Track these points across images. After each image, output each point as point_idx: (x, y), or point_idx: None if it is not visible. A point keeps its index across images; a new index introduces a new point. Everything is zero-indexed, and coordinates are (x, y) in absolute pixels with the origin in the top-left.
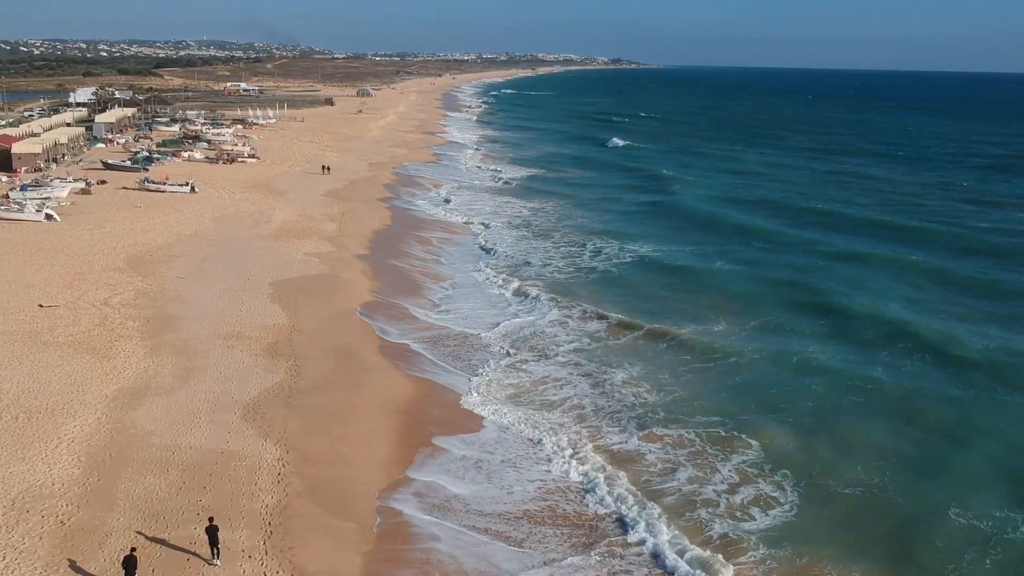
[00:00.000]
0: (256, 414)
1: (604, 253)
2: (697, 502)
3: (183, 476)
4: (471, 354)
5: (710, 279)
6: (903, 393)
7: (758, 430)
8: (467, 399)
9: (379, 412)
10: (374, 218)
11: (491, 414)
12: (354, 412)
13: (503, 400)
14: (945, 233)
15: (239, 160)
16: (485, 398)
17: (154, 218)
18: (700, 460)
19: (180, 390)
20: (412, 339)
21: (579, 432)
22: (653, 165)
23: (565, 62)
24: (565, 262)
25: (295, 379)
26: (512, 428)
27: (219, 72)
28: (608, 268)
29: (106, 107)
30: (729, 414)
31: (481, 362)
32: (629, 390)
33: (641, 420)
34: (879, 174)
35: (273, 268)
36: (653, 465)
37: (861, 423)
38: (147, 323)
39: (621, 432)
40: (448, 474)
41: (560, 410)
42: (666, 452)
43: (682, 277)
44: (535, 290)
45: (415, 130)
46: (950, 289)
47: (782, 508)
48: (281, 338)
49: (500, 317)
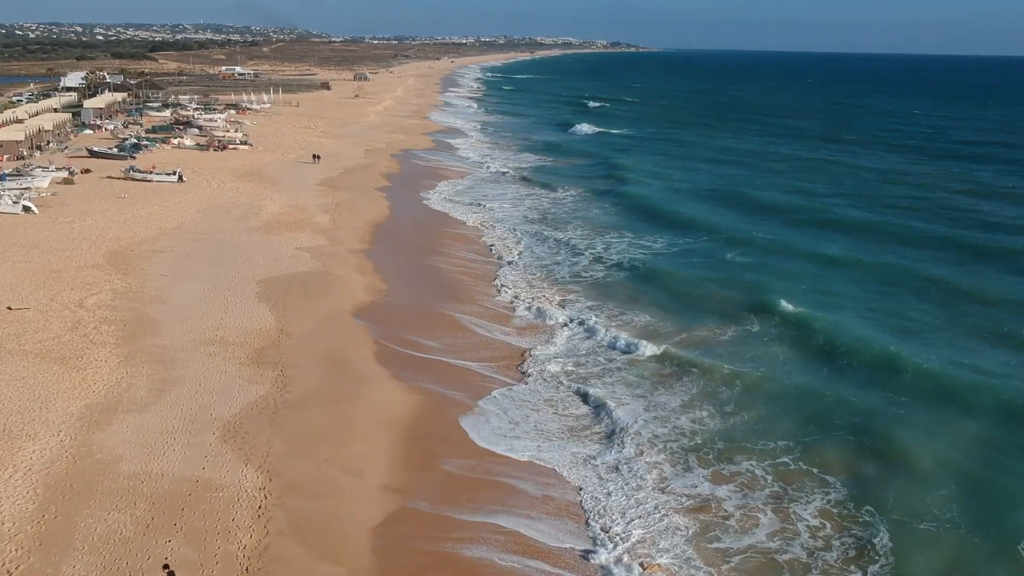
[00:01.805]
0: (237, 434)
1: (618, 250)
2: (794, 565)
3: (152, 511)
4: (480, 352)
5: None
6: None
7: (826, 459)
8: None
9: (375, 430)
10: (370, 208)
11: (505, 433)
12: (346, 431)
13: (515, 408)
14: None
15: (231, 147)
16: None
17: (138, 209)
18: (778, 505)
19: (154, 406)
20: (414, 343)
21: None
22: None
23: (564, 45)
24: (576, 262)
25: (281, 392)
26: (537, 456)
27: (215, 56)
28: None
29: (96, 92)
30: (790, 439)
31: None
32: (670, 413)
33: (701, 453)
34: (885, 165)
35: (262, 264)
36: (730, 516)
37: (923, 440)
38: (123, 327)
39: (686, 471)
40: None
41: (595, 437)
42: (741, 497)
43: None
44: (545, 294)
45: (413, 115)
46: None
47: (883, 562)
48: (268, 344)
49: (510, 315)
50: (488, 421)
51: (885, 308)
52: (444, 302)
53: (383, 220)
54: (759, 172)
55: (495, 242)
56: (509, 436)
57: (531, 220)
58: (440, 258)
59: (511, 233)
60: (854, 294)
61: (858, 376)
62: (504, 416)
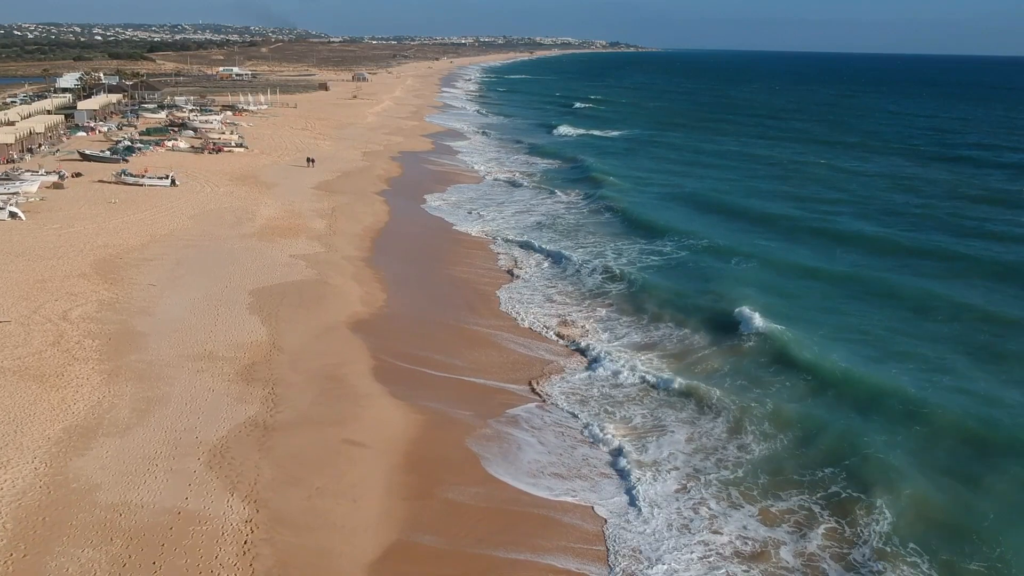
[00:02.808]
0: (223, 459)
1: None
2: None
3: (130, 547)
4: (489, 368)
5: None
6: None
7: (873, 485)
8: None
9: (371, 455)
10: (368, 214)
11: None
12: (340, 455)
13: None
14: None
15: (226, 149)
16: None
17: (128, 215)
18: (834, 540)
19: (137, 428)
20: (414, 358)
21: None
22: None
23: (563, 45)
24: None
25: (271, 412)
26: (557, 486)
27: (213, 56)
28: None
29: (91, 93)
30: (835, 465)
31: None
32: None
33: (745, 489)
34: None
35: (254, 273)
36: (790, 570)
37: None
38: (108, 341)
39: (731, 507)
40: None
41: (617, 465)
42: (797, 539)
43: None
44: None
45: (411, 116)
46: None
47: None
48: (258, 359)
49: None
50: (500, 444)
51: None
52: (447, 313)
53: (381, 226)
54: (745, 176)
55: (501, 252)
56: (524, 462)
57: (536, 227)
58: (443, 266)
59: (517, 243)
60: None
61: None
62: (519, 440)
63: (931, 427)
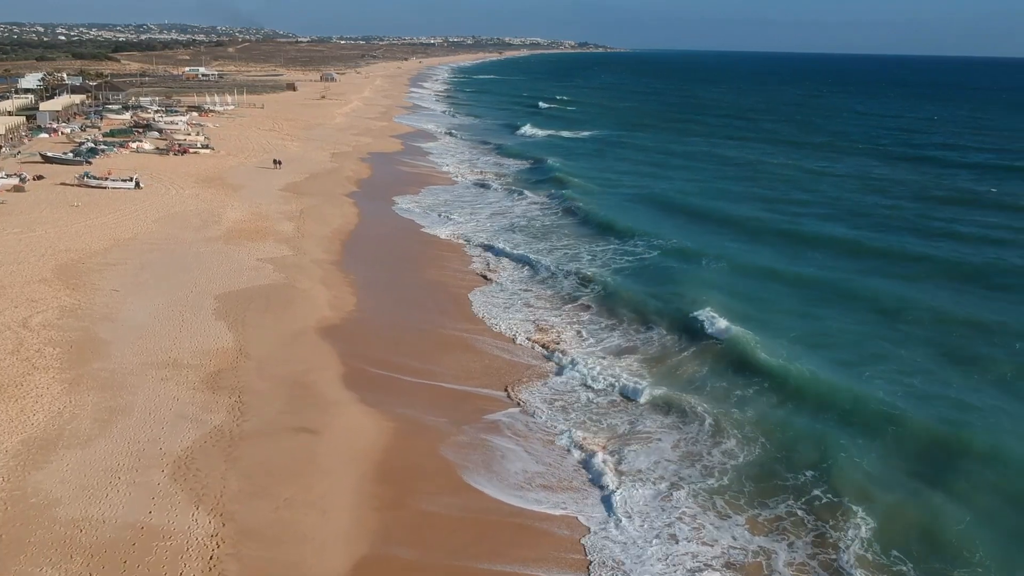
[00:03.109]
0: (188, 471)
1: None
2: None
3: (91, 565)
4: (462, 374)
5: None
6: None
7: (856, 489)
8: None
9: (341, 464)
10: (336, 215)
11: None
12: (309, 465)
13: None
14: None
15: (191, 151)
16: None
17: (91, 219)
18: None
19: (99, 439)
20: (385, 363)
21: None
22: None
23: (532, 46)
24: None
25: (238, 421)
26: (537, 496)
27: (179, 56)
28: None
29: (54, 94)
30: (817, 467)
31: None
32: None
33: (731, 497)
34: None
35: (220, 277)
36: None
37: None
38: (69, 349)
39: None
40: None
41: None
42: (789, 551)
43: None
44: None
45: (381, 117)
46: None
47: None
48: (224, 366)
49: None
50: (476, 452)
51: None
52: (418, 318)
53: (351, 228)
54: (713, 177)
55: (474, 255)
56: (502, 471)
57: (509, 230)
58: (414, 269)
59: (489, 246)
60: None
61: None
62: (496, 447)
63: (902, 429)
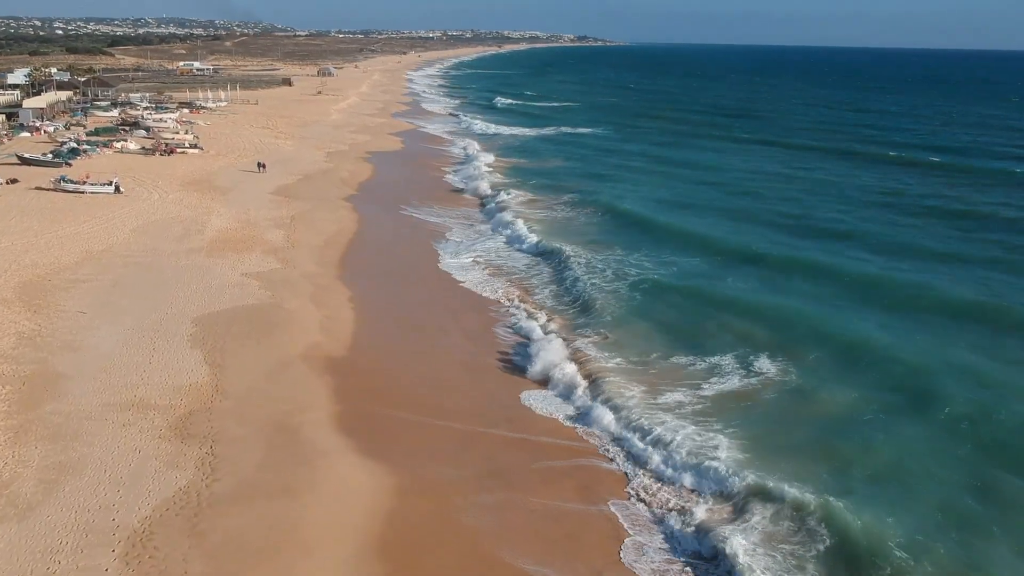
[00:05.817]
0: (144, 550)
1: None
2: None
3: None
4: (477, 412)
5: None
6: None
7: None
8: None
9: (331, 537)
10: (331, 222)
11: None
12: (289, 540)
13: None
14: None
15: (179, 151)
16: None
17: (64, 228)
18: None
19: (41, 507)
20: (387, 399)
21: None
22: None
23: (531, 39)
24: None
25: (208, 480)
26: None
27: (175, 51)
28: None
29: (41, 90)
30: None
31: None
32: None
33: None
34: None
35: (199, 296)
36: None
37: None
38: (22, 387)
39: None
40: None
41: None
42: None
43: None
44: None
45: (379, 113)
46: None
47: None
48: (197, 407)
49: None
50: (504, 513)
51: None
52: (426, 342)
53: (348, 237)
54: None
55: (489, 270)
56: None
57: (526, 242)
58: (420, 285)
59: (506, 263)
60: None
61: None
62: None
63: None
